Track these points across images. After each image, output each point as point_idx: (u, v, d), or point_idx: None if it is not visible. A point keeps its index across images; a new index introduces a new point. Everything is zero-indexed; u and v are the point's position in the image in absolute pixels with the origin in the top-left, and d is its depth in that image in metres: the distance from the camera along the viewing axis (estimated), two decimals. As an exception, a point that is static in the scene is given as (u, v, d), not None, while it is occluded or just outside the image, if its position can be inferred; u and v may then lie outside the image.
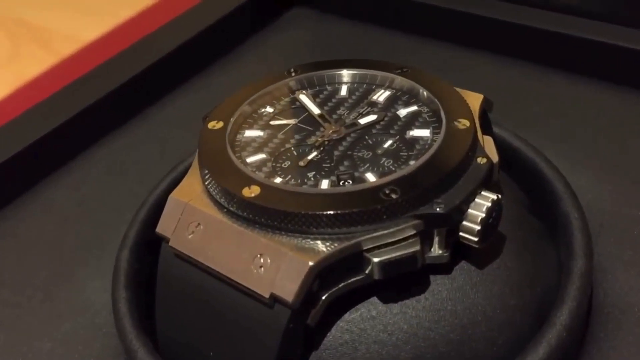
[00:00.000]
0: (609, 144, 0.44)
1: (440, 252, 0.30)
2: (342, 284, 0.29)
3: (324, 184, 0.31)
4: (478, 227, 0.29)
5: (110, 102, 0.51)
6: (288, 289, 0.27)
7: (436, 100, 0.34)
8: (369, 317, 0.30)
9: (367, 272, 0.29)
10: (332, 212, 0.28)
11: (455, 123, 0.32)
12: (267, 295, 0.28)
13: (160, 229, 0.32)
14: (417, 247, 0.28)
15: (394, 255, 0.28)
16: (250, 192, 0.30)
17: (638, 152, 0.43)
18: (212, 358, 0.30)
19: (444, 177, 0.29)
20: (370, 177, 0.31)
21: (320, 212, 0.28)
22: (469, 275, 0.31)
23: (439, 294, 0.30)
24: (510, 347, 0.31)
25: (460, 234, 0.30)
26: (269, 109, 0.36)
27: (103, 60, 0.55)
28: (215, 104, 0.36)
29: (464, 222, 0.29)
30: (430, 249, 0.30)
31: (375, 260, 0.28)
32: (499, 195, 0.30)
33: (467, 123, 0.32)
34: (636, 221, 0.39)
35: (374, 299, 0.30)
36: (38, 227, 0.46)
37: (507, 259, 0.32)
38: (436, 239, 0.30)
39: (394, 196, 0.28)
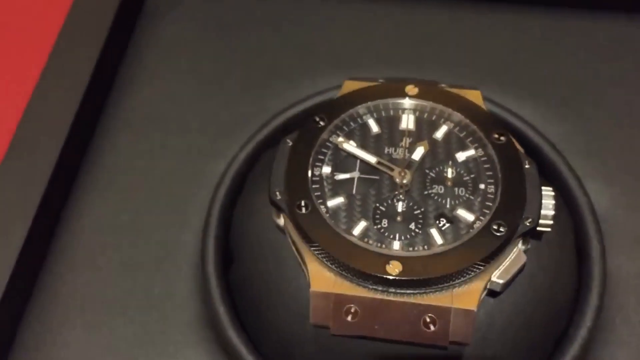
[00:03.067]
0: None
1: (523, 247, 0.38)
2: None
3: (437, 237, 0.36)
4: (551, 222, 0.37)
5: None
6: (464, 335, 0.34)
7: (459, 114, 0.40)
8: None
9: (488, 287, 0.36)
10: (474, 262, 0.34)
11: (494, 138, 0.39)
12: (447, 345, 0.34)
13: (316, 320, 0.35)
14: (524, 260, 0.36)
15: (512, 274, 0.36)
16: (393, 268, 0.34)
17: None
18: None
19: (524, 197, 0.37)
20: (464, 213, 0.37)
21: (465, 266, 0.34)
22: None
23: None
24: None
25: (538, 229, 0.38)
26: (327, 169, 0.39)
27: None
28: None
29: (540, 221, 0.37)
30: (516, 247, 0.38)
31: (501, 282, 0.36)
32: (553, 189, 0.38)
33: (504, 137, 0.39)
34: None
35: None
36: None
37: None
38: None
39: (503, 230, 0.35)
